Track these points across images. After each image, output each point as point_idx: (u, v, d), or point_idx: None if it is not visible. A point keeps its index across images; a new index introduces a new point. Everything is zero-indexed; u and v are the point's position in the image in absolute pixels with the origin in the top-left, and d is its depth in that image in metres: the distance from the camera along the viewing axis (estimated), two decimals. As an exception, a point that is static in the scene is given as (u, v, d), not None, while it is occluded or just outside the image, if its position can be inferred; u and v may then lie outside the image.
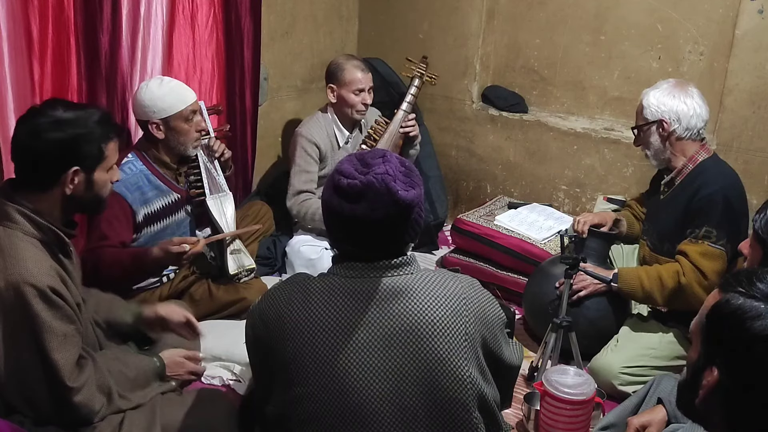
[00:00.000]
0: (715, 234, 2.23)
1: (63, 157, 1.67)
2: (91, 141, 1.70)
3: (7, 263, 1.58)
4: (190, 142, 2.44)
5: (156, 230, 2.43)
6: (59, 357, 1.59)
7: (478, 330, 1.41)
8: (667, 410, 1.77)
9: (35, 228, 1.65)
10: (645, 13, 3.13)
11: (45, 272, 1.60)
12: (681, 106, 2.32)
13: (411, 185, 1.39)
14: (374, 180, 1.35)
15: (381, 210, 1.35)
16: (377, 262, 1.41)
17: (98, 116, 1.74)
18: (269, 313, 1.43)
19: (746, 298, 0.99)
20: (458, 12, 3.55)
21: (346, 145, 3.07)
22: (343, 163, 1.42)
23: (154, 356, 1.90)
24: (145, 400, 1.78)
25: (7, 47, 2.13)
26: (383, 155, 1.42)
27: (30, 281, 1.56)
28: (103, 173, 1.76)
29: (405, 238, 1.43)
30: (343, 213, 1.37)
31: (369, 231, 1.38)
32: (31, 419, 1.62)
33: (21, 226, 1.63)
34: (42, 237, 1.66)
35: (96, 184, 1.75)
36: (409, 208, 1.38)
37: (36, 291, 1.56)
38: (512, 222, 3.09)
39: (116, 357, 1.82)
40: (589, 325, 2.43)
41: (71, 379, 1.60)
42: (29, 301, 1.56)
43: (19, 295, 1.55)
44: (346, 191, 1.36)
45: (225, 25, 2.93)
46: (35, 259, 1.60)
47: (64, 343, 1.60)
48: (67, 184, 1.69)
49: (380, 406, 1.35)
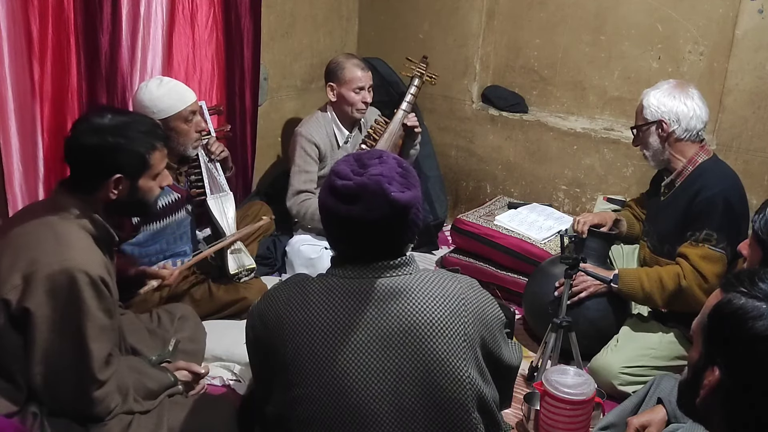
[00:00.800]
0: (716, 237, 2.23)
1: (103, 165, 1.72)
2: (133, 150, 1.74)
3: (63, 249, 1.62)
4: (189, 143, 2.44)
5: (156, 229, 2.43)
6: (95, 347, 1.63)
7: (477, 330, 1.40)
8: (667, 410, 1.77)
9: (92, 223, 1.72)
10: (645, 13, 3.13)
11: (98, 263, 1.66)
12: (681, 107, 2.32)
13: (407, 186, 1.39)
14: (368, 182, 1.35)
15: (376, 211, 1.35)
16: (376, 263, 1.41)
17: (143, 125, 1.78)
18: (268, 314, 1.43)
19: (748, 298, 0.99)
20: (458, 12, 3.55)
21: (346, 144, 3.07)
22: (340, 163, 1.42)
23: (169, 372, 1.93)
24: (153, 406, 1.81)
25: (7, 47, 2.14)
26: (380, 156, 1.42)
27: (84, 269, 1.61)
28: (149, 181, 1.81)
29: (403, 239, 1.42)
30: (339, 214, 1.37)
31: (365, 232, 1.38)
32: (47, 409, 1.65)
33: (78, 220, 1.70)
34: (95, 233, 1.72)
35: (140, 191, 1.80)
36: (404, 210, 1.37)
37: (89, 279, 1.61)
38: (512, 222, 3.09)
39: (138, 368, 1.85)
40: (589, 325, 2.43)
41: (100, 371, 1.64)
42: (81, 287, 1.60)
43: (72, 280, 1.60)
44: (342, 192, 1.36)
45: (225, 25, 2.93)
46: (90, 249, 1.67)
47: (101, 333, 1.65)
48: (111, 190, 1.74)
49: (379, 407, 1.35)
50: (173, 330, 2.17)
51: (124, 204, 1.79)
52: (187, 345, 2.14)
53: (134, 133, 1.75)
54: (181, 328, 2.20)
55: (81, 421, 1.67)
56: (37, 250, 1.63)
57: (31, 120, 2.26)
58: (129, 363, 1.84)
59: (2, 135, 2.18)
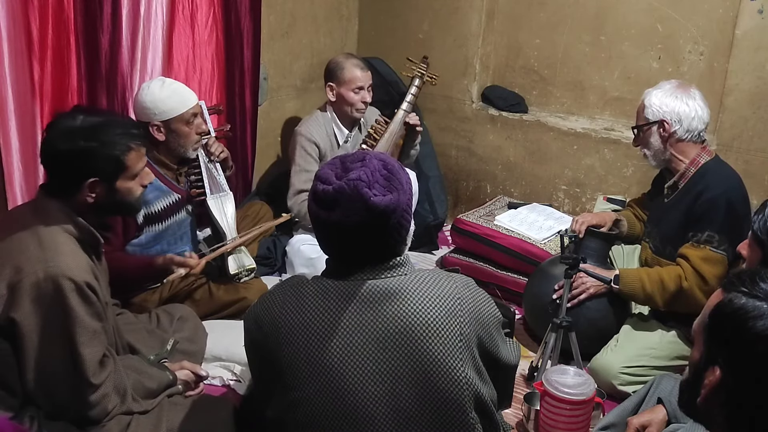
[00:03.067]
0: (717, 239, 2.23)
1: (77, 169, 1.68)
2: (107, 153, 1.70)
3: (47, 256, 1.60)
4: (190, 145, 2.44)
5: (157, 230, 2.43)
6: (87, 352, 1.61)
7: (474, 330, 1.40)
8: (667, 410, 1.77)
9: (74, 227, 1.69)
10: (645, 13, 3.13)
11: (83, 268, 1.63)
12: (683, 107, 2.32)
13: (389, 189, 1.36)
14: (345, 186, 1.33)
15: (354, 217, 1.33)
16: (369, 265, 1.40)
17: (117, 126, 1.74)
18: (264, 318, 1.43)
19: (749, 298, 1.00)
20: (458, 12, 3.55)
21: (346, 143, 3.07)
22: (325, 167, 1.41)
23: (167, 371, 1.92)
24: (153, 406, 1.80)
25: (7, 47, 2.13)
26: (363, 158, 1.39)
27: (68, 275, 1.59)
28: (127, 181, 1.77)
29: (389, 242, 1.40)
30: (321, 219, 1.37)
31: (347, 238, 1.37)
32: (44, 413, 1.64)
33: (62, 224, 1.67)
34: (79, 235, 1.69)
35: (119, 193, 1.76)
36: (384, 215, 1.34)
37: (74, 285, 1.59)
38: (512, 222, 3.09)
39: (136, 367, 1.84)
40: (589, 325, 2.43)
41: (94, 376, 1.63)
42: (66, 294, 1.58)
43: (58, 287, 1.58)
44: (321, 198, 1.35)
45: (225, 25, 2.93)
46: (74, 254, 1.64)
47: (92, 339, 1.63)
48: (87, 194, 1.70)
49: (376, 409, 1.35)
50: (172, 330, 2.17)
51: (105, 206, 1.75)
52: (187, 345, 2.14)
53: (107, 135, 1.70)
54: (180, 329, 2.19)
55: (79, 423, 1.66)
56: (21, 258, 1.61)
57: (31, 120, 2.26)
58: (127, 362, 1.83)
59: (2, 135, 2.18)
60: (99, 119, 1.73)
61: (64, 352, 1.61)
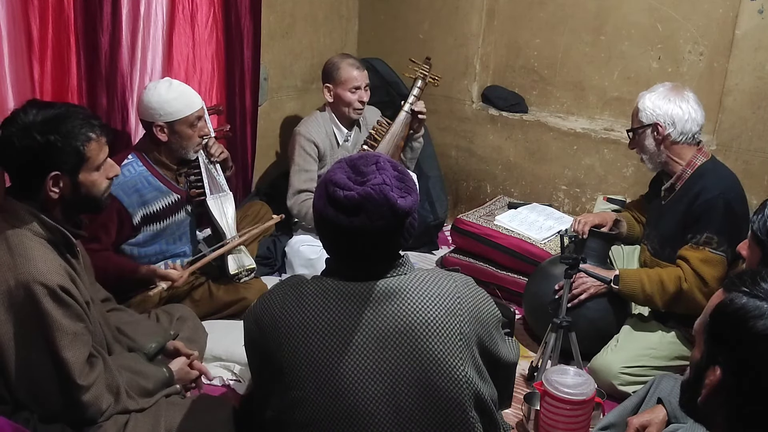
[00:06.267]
0: (716, 240, 2.23)
1: (36, 164, 1.63)
2: (65, 145, 1.64)
3: (17, 262, 1.57)
4: (191, 147, 2.44)
5: (156, 230, 2.44)
6: (70, 355, 1.59)
7: (474, 329, 1.40)
8: (667, 410, 1.77)
9: (43, 227, 1.64)
10: (645, 13, 3.13)
11: (55, 271, 1.60)
12: (676, 110, 2.32)
13: (407, 191, 1.37)
14: (372, 191, 1.33)
15: (380, 221, 1.33)
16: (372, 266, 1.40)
17: (75, 116, 1.67)
18: (264, 318, 1.43)
19: (750, 298, 0.99)
20: (458, 12, 3.55)
21: (346, 143, 3.07)
22: (336, 172, 1.38)
23: (164, 366, 1.91)
24: (150, 405, 1.79)
25: (7, 47, 2.13)
26: (376, 161, 1.39)
27: (40, 280, 1.56)
28: (91, 174, 1.70)
29: (400, 243, 1.41)
30: (341, 225, 1.35)
31: (365, 242, 1.36)
32: (39, 416, 1.62)
33: (29, 226, 1.63)
34: (49, 237, 1.65)
35: (84, 186, 1.70)
36: (406, 216, 1.37)
37: (46, 290, 1.56)
38: (512, 222, 3.09)
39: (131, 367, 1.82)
40: (589, 325, 2.43)
41: (81, 377, 1.61)
42: (39, 300, 1.56)
43: (30, 294, 1.55)
44: (344, 204, 1.34)
45: (225, 25, 2.93)
46: (45, 258, 1.60)
47: (74, 341, 1.60)
48: (50, 189, 1.65)
49: (376, 408, 1.35)
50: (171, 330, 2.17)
51: (71, 202, 1.70)
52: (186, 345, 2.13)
53: (65, 126, 1.63)
54: (179, 329, 2.19)
55: (74, 425, 1.65)
56: None
57: (31, 120, 2.26)
58: (121, 362, 1.81)
59: (2, 135, 2.18)
60: (55, 111, 1.66)
61: (47, 357, 1.58)
